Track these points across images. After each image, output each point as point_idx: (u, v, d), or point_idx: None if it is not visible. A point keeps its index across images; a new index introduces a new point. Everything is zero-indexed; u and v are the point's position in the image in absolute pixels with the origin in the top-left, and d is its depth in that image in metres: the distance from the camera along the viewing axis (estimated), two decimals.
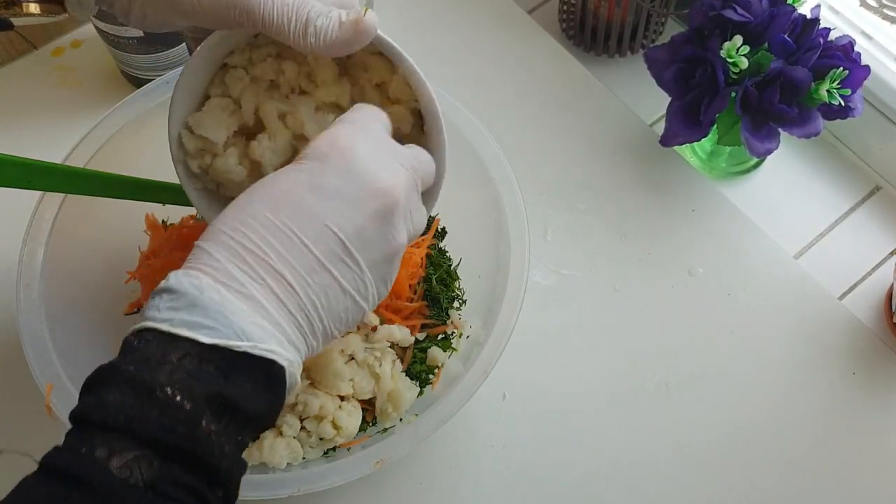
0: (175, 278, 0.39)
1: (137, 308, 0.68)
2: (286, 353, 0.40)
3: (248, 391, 0.38)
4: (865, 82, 0.69)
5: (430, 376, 0.65)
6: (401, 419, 0.63)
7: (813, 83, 0.68)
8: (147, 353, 0.37)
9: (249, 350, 0.38)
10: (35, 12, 0.47)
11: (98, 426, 0.36)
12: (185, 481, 0.36)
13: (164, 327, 0.38)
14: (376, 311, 0.65)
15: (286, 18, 0.44)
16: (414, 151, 0.48)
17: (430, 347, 0.66)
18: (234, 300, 0.39)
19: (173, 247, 0.67)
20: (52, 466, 0.36)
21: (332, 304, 0.42)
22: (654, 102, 0.83)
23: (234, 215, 0.41)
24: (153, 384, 0.36)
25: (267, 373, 0.39)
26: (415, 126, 0.53)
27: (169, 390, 0.36)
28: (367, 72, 0.53)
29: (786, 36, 0.68)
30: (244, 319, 0.38)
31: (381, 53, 0.51)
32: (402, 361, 0.65)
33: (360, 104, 0.48)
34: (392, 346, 0.65)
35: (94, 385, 0.38)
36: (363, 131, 0.45)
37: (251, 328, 0.38)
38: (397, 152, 0.46)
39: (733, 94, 0.69)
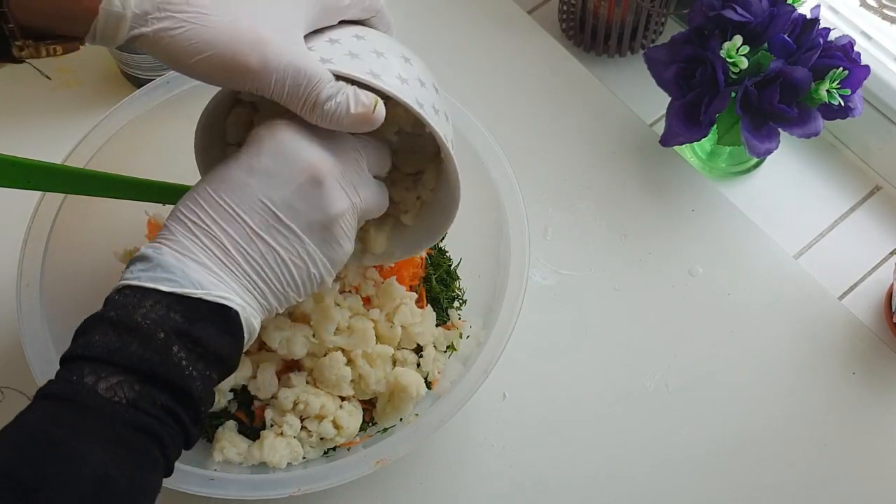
0: (144, 249, 0.47)
1: None
2: (237, 299, 0.46)
3: (211, 333, 0.45)
4: (865, 82, 0.69)
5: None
6: (401, 419, 0.63)
7: (813, 83, 0.68)
8: (124, 301, 0.45)
9: (204, 296, 0.45)
10: (58, 54, 0.50)
11: (85, 359, 0.43)
12: (161, 401, 0.43)
13: (135, 282, 0.45)
14: None
15: (295, 98, 0.47)
16: (366, 142, 0.52)
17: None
18: (189, 263, 0.46)
19: None
20: (46, 392, 0.43)
21: (274, 268, 0.48)
22: (654, 102, 0.83)
23: (188, 196, 0.48)
24: (130, 322, 0.44)
25: (225, 318, 0.46)
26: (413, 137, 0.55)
27: (144, 325, 0.43)
28: None
29: (786, 36, 0.68)
30: (198, 275, 0.46)
31: None
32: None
33: None
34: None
35: (82, 332, 0.45)
36: (295, 122, 0.49)
37: (205, 280, 0.46)
38: (321, 131, 0.49)
39: (733, 94, 0.69)
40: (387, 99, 0.49)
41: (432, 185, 0.58)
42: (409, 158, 0.58)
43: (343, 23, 0.51)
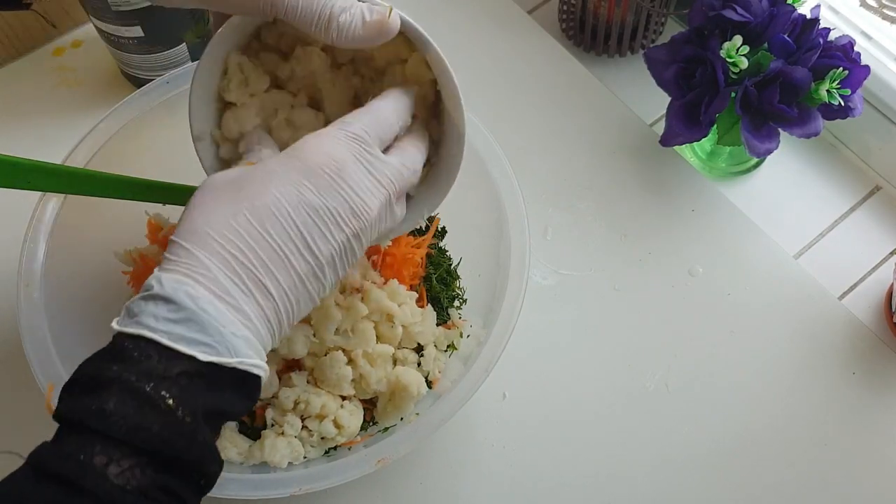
0: (170, 286, 0.40)
1: None
2: (263, 364, 0.43)
3: (234, 401, 0.41)
4: (865, 82, 0.69)
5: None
6: (402, 418, 0.63)
7: (813, 83, 0.68)
8: (149, 365, 0.39)
9: (237, 365, 0.41)
10: None
11: (97, 433, 0.37)
12: (172, 486, 0.38)
13: (164, 341, 0.39)
14: None
15: (309, 12, 0.45)
16: (401, 160, 0.48)
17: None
18: (227, 314, 0.40)
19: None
20: (50, 471, 0.37)
21: (301, 312, 0.45)
22: (654, 102, 0.83)
23: (223, 221, 0.42)
24: (156, 398, 0.38)
25: (248, 382, 0.42)
26: (426, 108, 0.54)
27: (171, 403, 0.38)
28: (374, 59, 0.53)
29: (786, 36, 0.68)
30: (234, 337, 0.40)
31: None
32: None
33: (373, 104, 0.49)
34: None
35: (92, 389, 0.39)
36: (352, 143, 0.46)
37: (239, 344, 0.41)
38: (381, 166, 0.47)
39: (733, 94, 0.69)
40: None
41: (436, 137, 0.56)
42: None
43: None
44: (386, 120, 0.48)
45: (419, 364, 0.65)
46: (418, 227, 0.70)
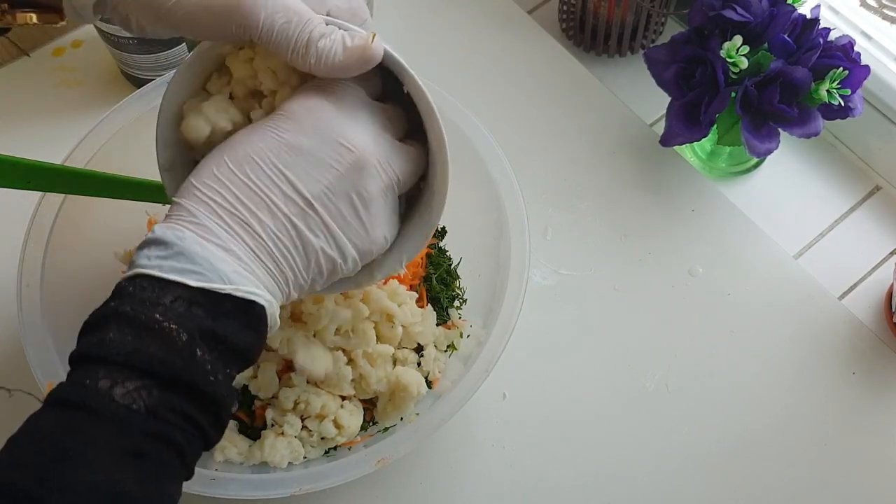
0: (160, 230, 0.42)
1: None
2: (265, 293, 0.43)
3: (235, 328, 0.42)
4: (865, 82, 0.70)
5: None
6: (402, 418, 0.63)
7: (813, 83, 0.68)
8: (142, 296, 0.40)
9: (233, 292, 0.41)
10: (33, 22, 0.47)
11: (100, 361, 0.39)
12: (181, 408, 0.39)
13: (156, 273, 0.41)
14: None
15: (285, 38, 0.44)
16: (381, 107, 0.48)
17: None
18: (215, 251, 0.42)
19: None
20: (58, 398, 0.39)
21: (303, 258, 0.44)
22: (654, 102, 0.83)
23: (207, 173, 0.43)
24: (150, 321, 0.39)
25: (249, 313, 0.42)
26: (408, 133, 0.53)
27: (166, 325, 0.39)
28: None
29: (786, 36, 0.68)
30: (226, 266, 0.41)
31: None
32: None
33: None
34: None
35: (94, 327, 0.41)
36: (333, 93, 0.46)
37: (233, 274, 0.42)
38: (364, 108, 0.46)
39: (733, 94, 0.69)
40: None
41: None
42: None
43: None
44: (353, 87, 0.48)
45: (419, 364, 0.65)
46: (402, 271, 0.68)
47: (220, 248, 0.42)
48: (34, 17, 0.47)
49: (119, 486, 0.37)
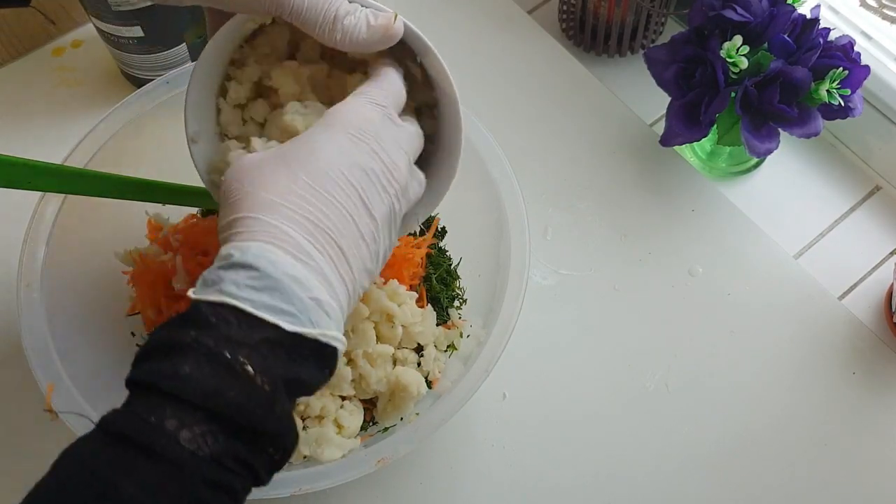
0: (252, 253, 0.39)
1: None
2: (342, 336, 0.42)
3: (313, 372, 0.40)
4: (865, 82, 0.69)
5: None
6: (402, 418, 0.63)
7: (813, 83, 0.68)
8: (228, 331, 0.37)
9: (319, 337, 0.40)
10: None
11: (170, 397, 0.36)
12: (244, 456, 0.37)
13: (248, 308, 0.38)
14: None
15: (314, 14, 0.45)
16: (413, 130, 0.49)
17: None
18: (311, 278, 0.40)
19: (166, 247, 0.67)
20: (118, 431, 0.36)
21: (366, 282, 0.44)
22: (654, 102, 0.83)
23: (285, 188, 0.41)
24: (234, 363, 0.37)
25: (324, 354, 0.41)
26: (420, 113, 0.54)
27: (250, 370, 0.37)
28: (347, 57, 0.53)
29: (786, 36, 0.68)
30: (316, 307, 0.40)
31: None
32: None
33: (382, 72, 0.49)
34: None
35: (164, 353, 0.37)
36: (381, 109, 0.46)
37: (320, 315, 0.40)
38: (401, 130, 0.47)
39: (733, 94, 0.69)
40: None
41: (430, 130, 0.56)
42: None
43: None
44: (399, 86, 0.49)
45: (419, 364, 0.65)
46: (418, 228, 0.70)
47: (311, 270, 0.40)
48: None
49: None
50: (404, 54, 0.51)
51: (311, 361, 0.40)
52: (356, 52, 0.49)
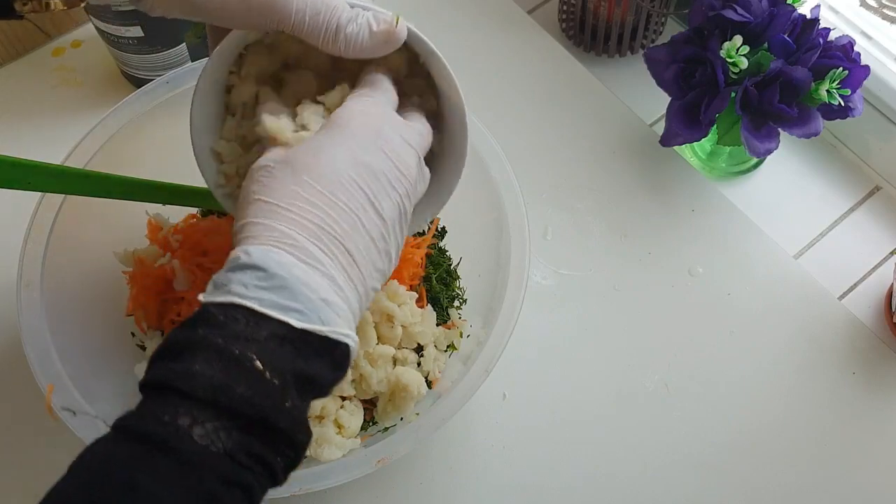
0: (258, 255, 0.40)
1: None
2: (353, 334, 0.42)
3: (323, 370, 0.40)
4: (865, 82, 0.70)
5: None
6: (402, 418, 0.63)
7: (813, 83, 0.68)
8: (235, 328, 0.38)
9: (329, 334, 0.40)
10: (59, 8, 0.47)
11: (182, 395, 0.37)
12: (258, 452, 0.37)
13: (255, 306, 0.39)
14: None
15: (316, 26, 0.45)
16: (420, 126, 0.49)
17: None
18: (317, 278, 0.40)
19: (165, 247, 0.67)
20: (133, 430, 0.37)
21: (384, 274, 0.44)
22: (654, 102, 0.83)
23: (290, 193, 0.42)
24: (243, 358, 0.37)
25: (336, 352, 0.41)
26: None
27: (259, 365, 0.37)
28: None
29: (786, 36, 0.68)
30: (324, 306, 0.40)
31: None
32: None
33: (372, 77, 0.49)
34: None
35: (176, 353, 0.38)
36: (382, 107, 0.47)
37: (328, 313, 0.40)
38: (405, 127, 0.47)
39: (733, 94, 0.69)
40: None
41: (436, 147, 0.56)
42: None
43: None
44: (389, 87, 0.49)
45: (419, 364, 0.65)
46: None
47: (320, 275, 0.40)
48: (59, 3, 0.47)
49: None
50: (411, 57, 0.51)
51: (321, 359, 0.40)
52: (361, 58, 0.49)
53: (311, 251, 0.41)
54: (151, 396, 0.38)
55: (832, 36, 0.70)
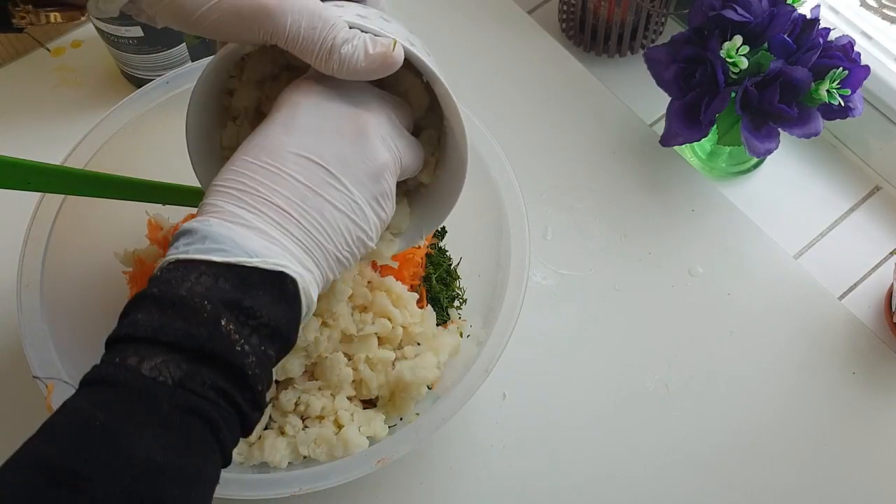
0: (187, 224, 0.43)
1: None
2: (296, 266, 0.43)
3: (264, 301, 0.41)
4: (865, 82, 0.70)
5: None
6: (402, 418, 0.63)
7: (813, 83, 0.68)
8: (168, 277, 0.41)
9: (260, 265, 0.41)
10: (57, 21, 0.48)
11: (129, 340, 0.40)
12: (212, 381, 0.39)
13: (182, 256, 0.41)
14: None
15: (310, 43, 0.45)
16: (392, 97, 0.49)
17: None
18: (242, 231, 0.42)
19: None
20: (89, 378, 0.40)
21: (330, 224, 0.44)
22: (654, 102, 0.83)
23: (224, 171, 0.45)
24: (174, 297, 0.40)
25: (281, 286, 0.42)
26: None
27: (189, 299, 0.40)
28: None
29: (786, 36, 0.68)
30: (253, 243, 0.42)
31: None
32: None
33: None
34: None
35: (125, 313, 0.41)
36: (325, 78, 0.47)
37: (260, 248, 0.42)
38: (364, 92, 0.48)
39: (733, 94, 0.69)
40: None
41: (437, 146, 0.56)
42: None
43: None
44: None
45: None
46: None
47: (246, 228, 0.42)
48: (58, 17, 0.48)
49: (151, 457, 0.37)
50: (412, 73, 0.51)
51: (261, 289, 0.41)
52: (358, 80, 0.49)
53: (233, 211, 0.43)
54: (107, 349, 0.41)
55: (832, 36, 0.70)
